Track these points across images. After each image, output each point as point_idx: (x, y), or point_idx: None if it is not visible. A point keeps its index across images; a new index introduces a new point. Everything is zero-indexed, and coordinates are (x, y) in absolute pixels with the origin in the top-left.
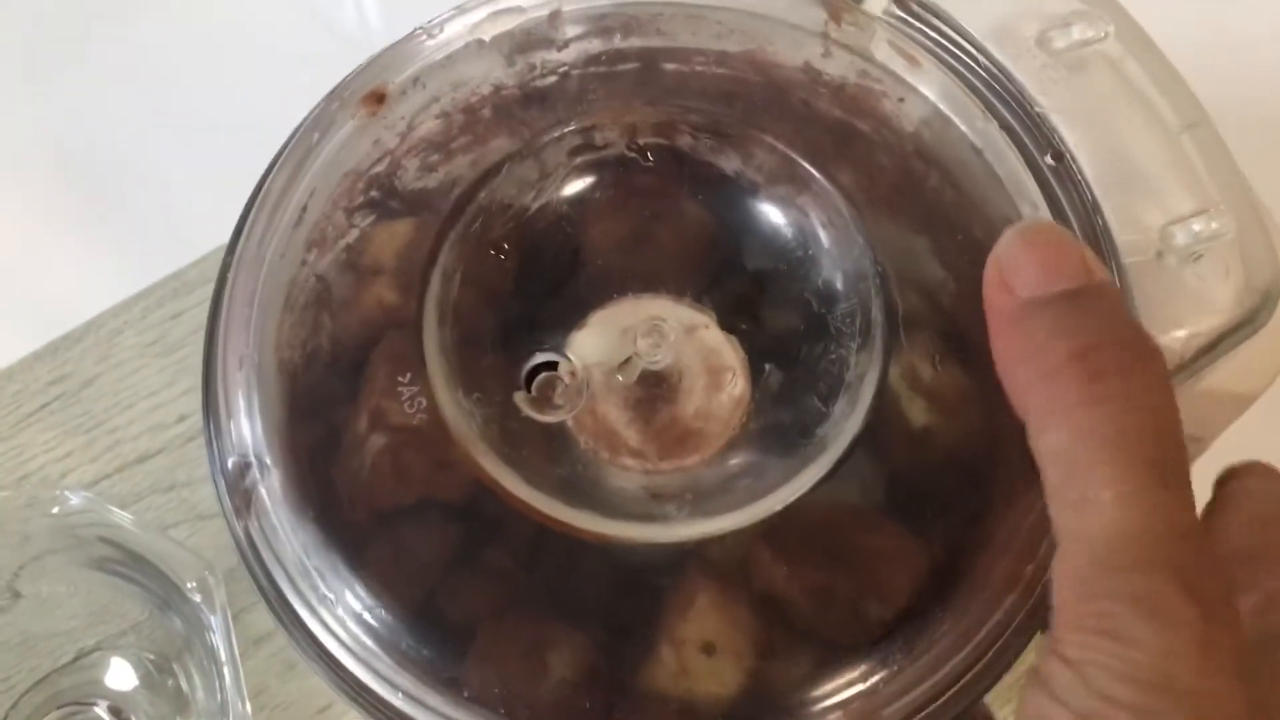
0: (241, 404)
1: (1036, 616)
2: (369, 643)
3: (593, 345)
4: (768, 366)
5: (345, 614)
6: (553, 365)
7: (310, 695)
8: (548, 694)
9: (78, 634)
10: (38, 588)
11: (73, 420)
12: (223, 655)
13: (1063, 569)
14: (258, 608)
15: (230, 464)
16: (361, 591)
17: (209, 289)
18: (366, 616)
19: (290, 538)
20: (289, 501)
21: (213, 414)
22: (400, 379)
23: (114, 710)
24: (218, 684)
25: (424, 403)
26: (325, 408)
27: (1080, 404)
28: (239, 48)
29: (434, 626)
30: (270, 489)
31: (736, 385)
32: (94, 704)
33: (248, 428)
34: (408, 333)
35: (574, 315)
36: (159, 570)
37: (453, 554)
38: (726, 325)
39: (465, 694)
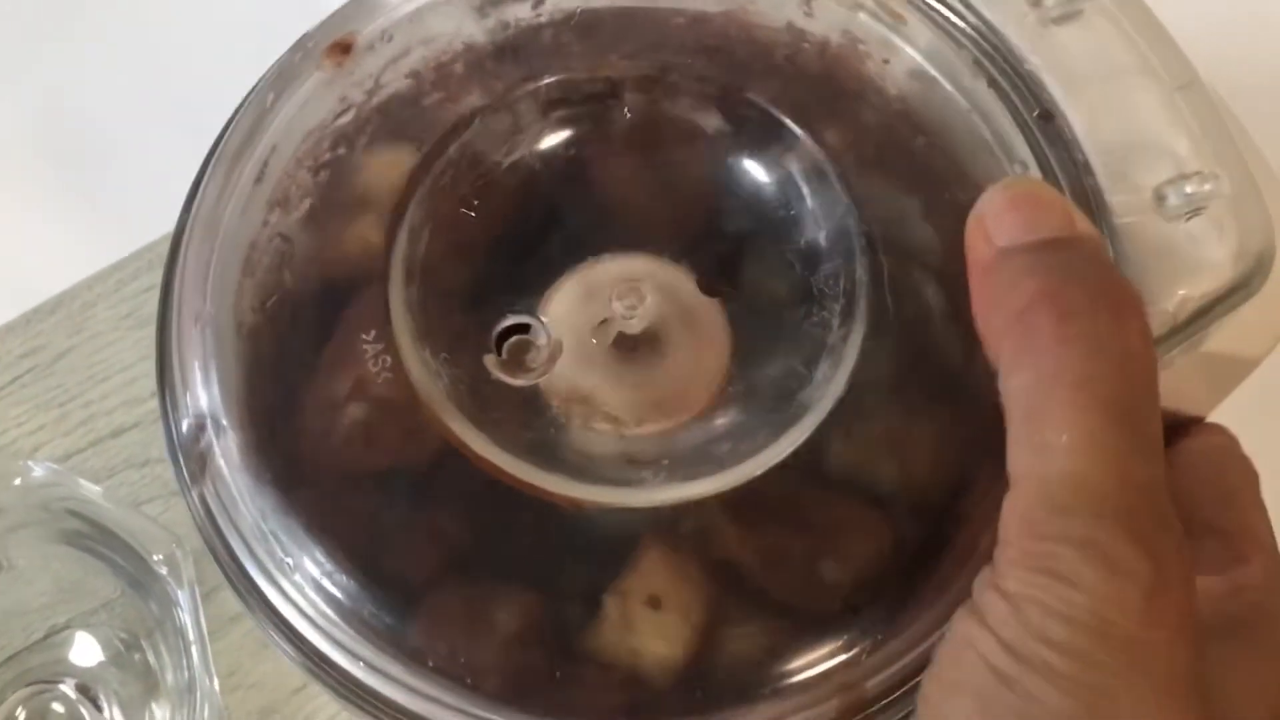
0: (197, 364)
1: None
2: (329, 611)
3: (567, 307)
4: (748, 329)
5: (304, 581)
6: (525, 327)
7: (284, 675)
8: (505, 659)
9: (49, 611)
10: (10, 560)
11: (45, 394)
12: (190, 632)
13: (1011, 506)
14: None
15: (185, 426)
16: (321, 557)
17: None
18: (326, 584)
19: (248, 502)
20: (246, 465)
21: (167, 374)
22: (365, 336)
23: (82, 688)
24: (185, 662)
25: (389, 361)
26: (285, 367)
27: (1046, 345)
28: (215, 18)
29: (396, 593)
30: (227, 452)
31: (716, 348)
32: (61, 682)
33: (203, 388)
34: (373, 289)
35: (548, 276)
36: (128, 545)
37: (416, 518)
38: (706, 287)
39: (430, 664)
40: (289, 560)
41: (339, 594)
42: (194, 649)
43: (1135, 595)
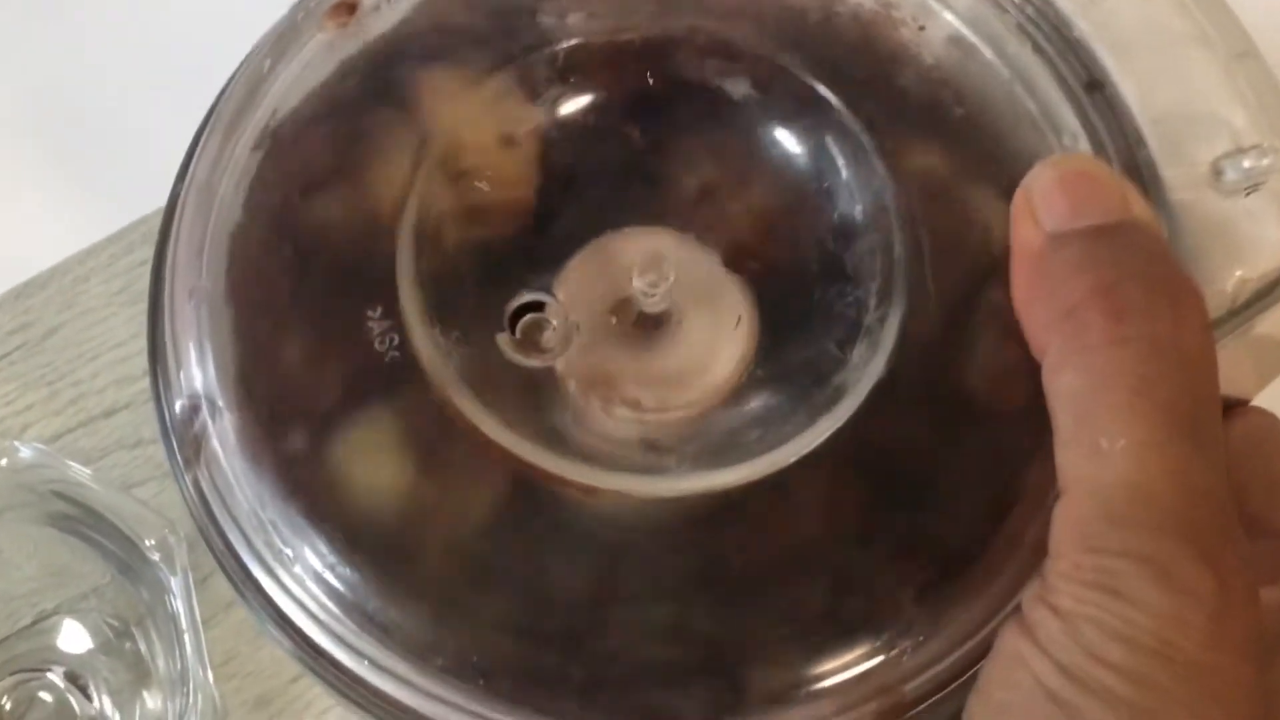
0: (191, 340)
1: None
2: (330, 604)
3: (584, 284)
4: (777, 309)
5: (305, 573)
6: (539, 305)
7: (282, 663)
8: (518, 657)
9: (36, 597)
10: None
11: (34, 372)
12: (183, 620)
13: (1063, 515)
14: None
15: (178, 407)
16: (323, 547)
17: None
18: (328, 576)
19: (244, 488)
20: (244, 448)
21: (159, 353)
22: (370, 313)
23: (70, 676)
24: (178, 650)
25: (396, 339)
26: (285, 345)
27: (1101, 344)
28: None
29: (403, 586)
30: (223, 434)
31: (743, 329)
32: (49, 670)
33: (198, 367)
34: (379, 263)
35: (564, 251)
36: (119, 530)
37: (425, 505)
38: (732, 264)
39: (439, 662)
40: (288, 550)
41: (341, 586)
42: (187, 638)
43: (1199, 616)
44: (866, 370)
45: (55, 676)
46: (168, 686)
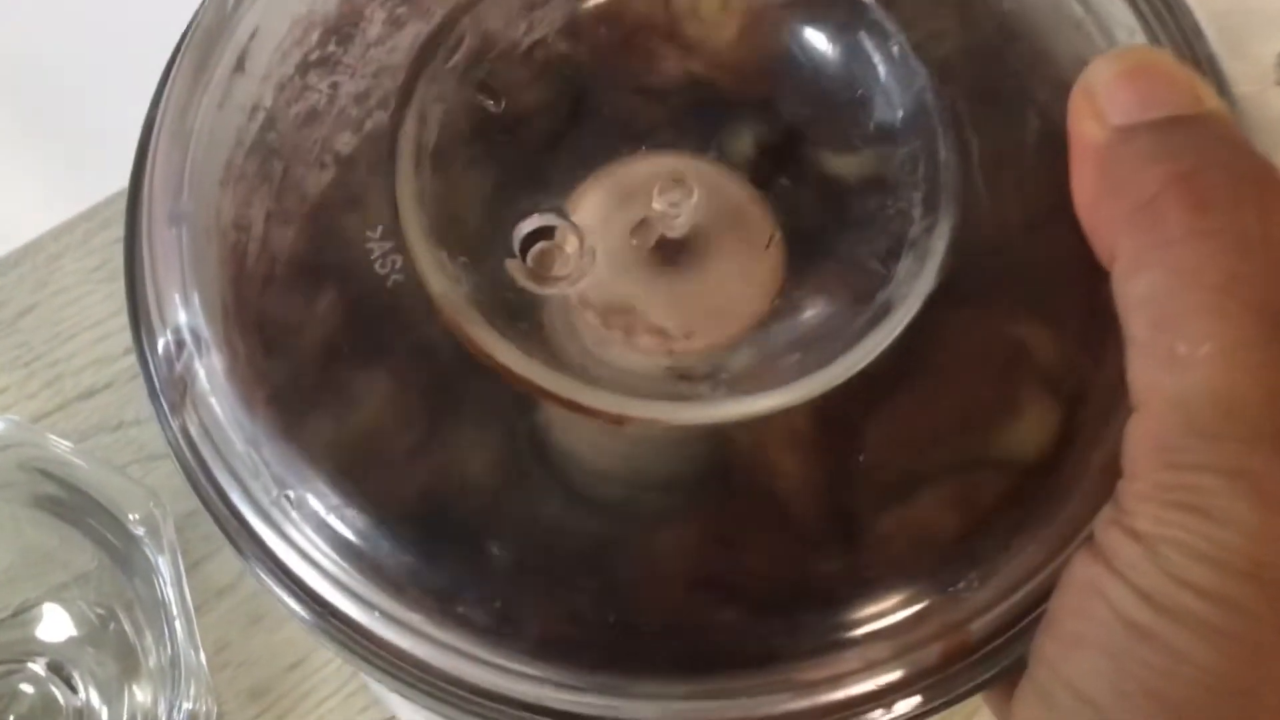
0: (174, 271)
1: None
2: (335, 554)
3: (600, 206)
4: (810, 228)
5: (306, 519)
6: (551, 230)
7: (278, 650)
8: (548, 605)
9: (18, 585)
10: None
11: (8, 353)
12: (173, 604)
13: (1141, 432)
14: (219, 555)
15: (161, 346)
16: (325, 489)
17: None
18: (332, 520)
19: (237, 429)
20: (235, 386)
21: (138, 286)
22: (370, 233)
23: (54, 667)
24: (168, 637)
25: (398, 261)
26: (277, 272)
27: (1181, 239)
28: None
29: (415, 529)
30: (211, 372)
31: (774, 249)
32: (31, 661)
33: (181, 300)
34: (377, 179)
35: (577, 172)
36: (101, 507)
37: (438, 440)
38: (761, 181)
39: (459, 610)
40: (288, 494)
41: (348, 532)
42: (178, 624)
43: None
44: (915, 284)
45: (37, 667)
46: (158, 676)
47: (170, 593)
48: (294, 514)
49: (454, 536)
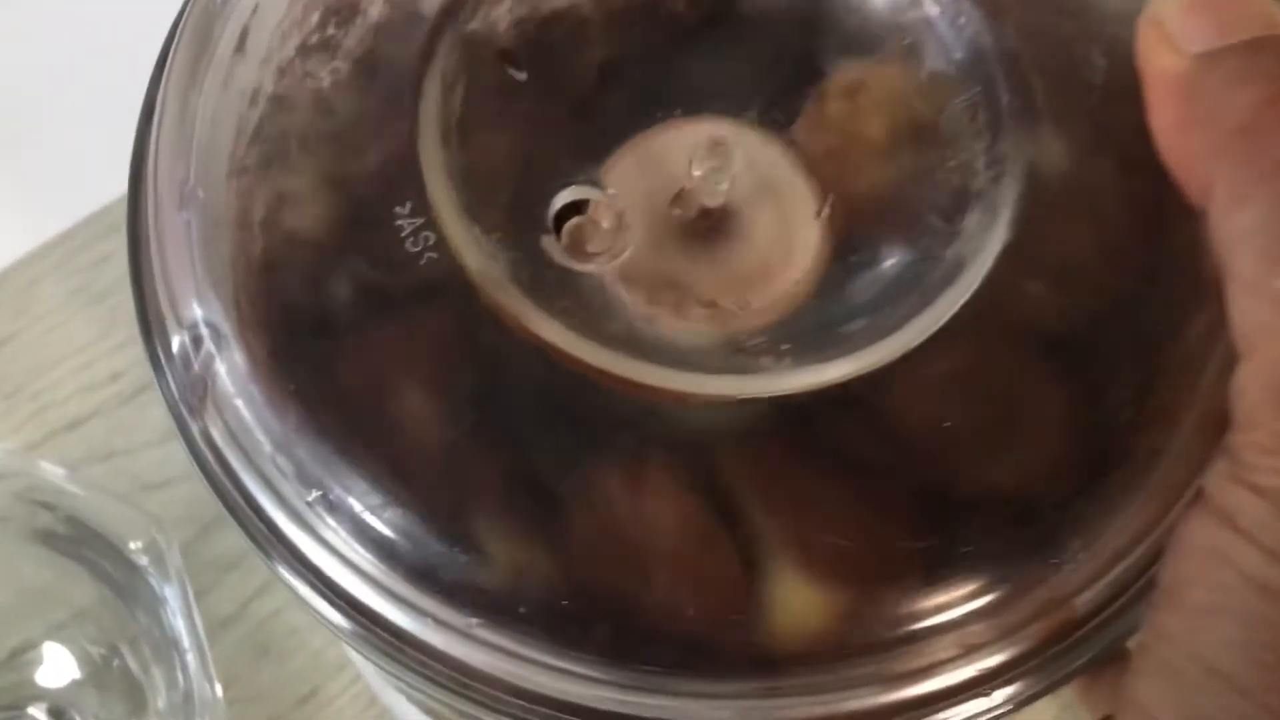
0: (185, 259)
1: None
2: (379, 558)
3: (635, 177)
4: (864, 190)
5: (344, 522)
6: (586, 204)
7: (288, 682)
8: (612, 600)
9: (15, 625)
10: None
11: None
12: (184, 637)
13: (1254, 377)
14: (221, 585)
15: (176, 346)
16: (367, 488)
17: None
18: (374, 522)
19: (264, 429)
20: (259, 380)
21: (145, 281)
22: (398, 209)
23: (55, 712)
24: (180, 672)
25: (431, 238)
26: (300, 254)
27: None
28: None
29: (469, 526)
30: (232, 368)
31: (826, 213)
32: (31, 706)
33: (195, 290)
34: (401, 153)
35: (609, 141)
36: (100, 536)
37: (487, 429)
38: (805, 146)
39: (520, 610)
40: (324, 495)
41: (391, 533)
42: (190, 655)
43: None
44: (986, 238)
45: (38, 713)
46: (169, 716)
47: (180, 624)
48: (330, 518)
49: (512, 532)
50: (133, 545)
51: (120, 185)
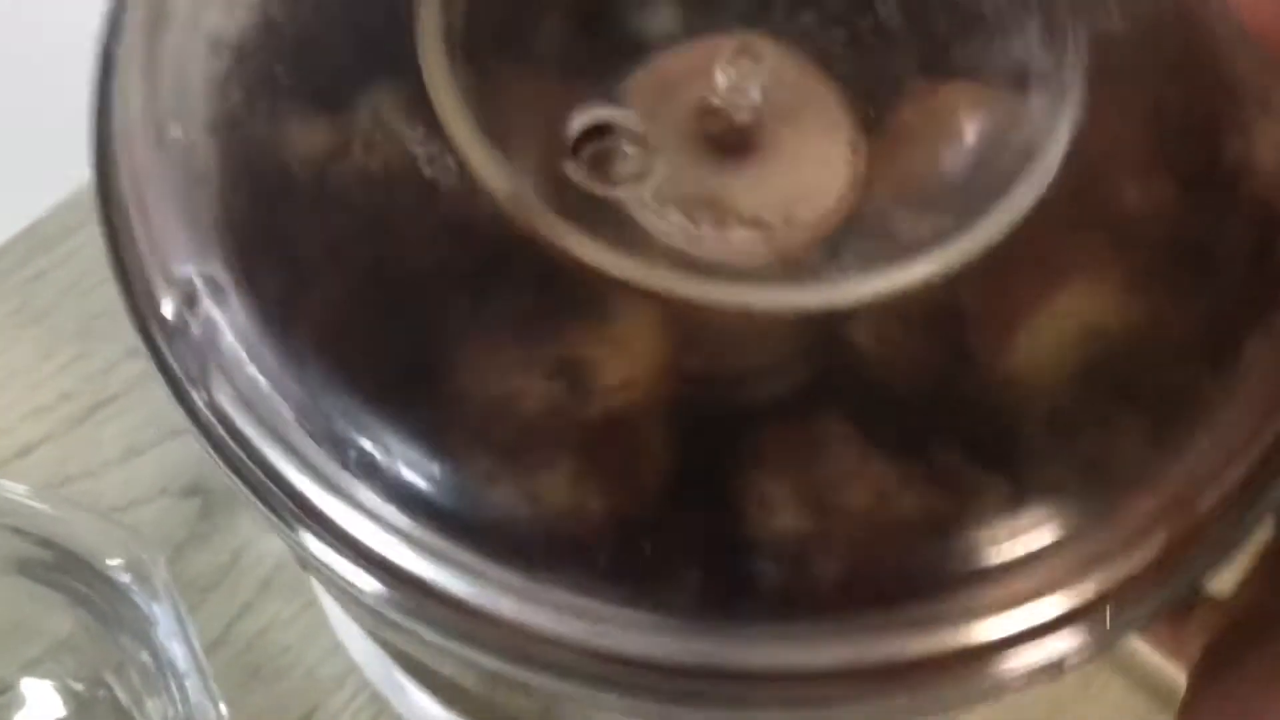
0: (170, 209)
1: None
2: (426, 521)
3: (657, 93)
4: (917, 81)
5: (381, 484)
6: (607, 125)
7: (284, 703)
8: (704, 556)
9: None
10: None
11: None
12: (178, 654)
13: None
14: (202, 608)
15: (170, 310)
16: (407, 443)
17: (74, 241)
18: (417, 479)
19: (281, 390)
20: (268, 332)
21: (123, 242)
22: (410, 130)
23: None
24: (176, 694)
25: (450, 163)
26: (299, 179)
27: None
28: None
29: (527, 477)
30: (235, 323)
31: (874, 114)
32: None
33: (186, 240)
34: (405, 72)
35: (627, 57)
36: (76, 557)
37: (538, 365)
38: (840, 41)
39: (601, 563)
40: (356, 454)
41: (436, 491)
42: (188, 679)
43: None
44: (1056, 120)
45: None
46: None
47: (175, 645)
48: (367, 481)
49: (576, 479)
50: (110, 562)
51: (46, 199)
